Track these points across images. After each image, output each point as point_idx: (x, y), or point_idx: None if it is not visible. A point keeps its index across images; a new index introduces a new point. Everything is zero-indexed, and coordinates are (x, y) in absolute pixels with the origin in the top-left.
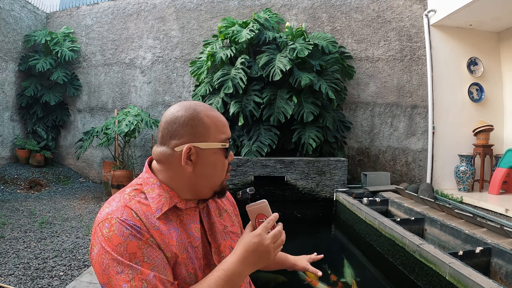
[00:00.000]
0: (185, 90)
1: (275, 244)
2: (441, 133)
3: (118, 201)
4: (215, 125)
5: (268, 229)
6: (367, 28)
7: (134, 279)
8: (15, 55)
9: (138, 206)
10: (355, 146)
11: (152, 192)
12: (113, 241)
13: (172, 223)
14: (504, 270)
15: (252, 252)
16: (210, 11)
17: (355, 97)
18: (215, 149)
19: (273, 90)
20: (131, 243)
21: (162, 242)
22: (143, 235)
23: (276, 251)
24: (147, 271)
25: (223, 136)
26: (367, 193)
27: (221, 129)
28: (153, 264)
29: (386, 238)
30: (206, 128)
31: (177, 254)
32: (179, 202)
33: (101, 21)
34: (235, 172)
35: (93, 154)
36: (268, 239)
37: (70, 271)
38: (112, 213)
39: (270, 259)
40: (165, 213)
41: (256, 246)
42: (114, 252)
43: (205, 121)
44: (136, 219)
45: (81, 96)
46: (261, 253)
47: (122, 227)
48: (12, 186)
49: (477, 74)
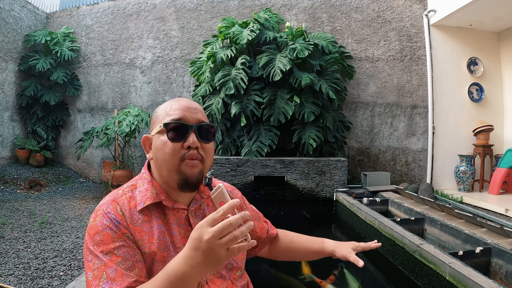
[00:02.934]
0: (185, 90)
1: (222, 240)
2: (441, 133)
3: (111, 195)
4: (164, 110)
5: (217, 221)
6: (367, 28)
7: (98, 269)
8: (15, 55)
9: (126, 202)
10: (355, 146)
11: (141, 186)
12: (93, 230)
13: (157, 220)
14: (504, 270)
15: (194, 249)
16: (210, 11)
17: (355, 97)
18: (158, 132)
19: (273, 90)
20: (107, 234)
21: (141, 239)
22: (119, 229)
23: (228, 249)
24: (111, 264)
25: (168, 118)
26: (367, 193)
27: (168, 112)
28: (122, 258)
29: (386, 238)
30: (156, 117)
31: (155, 251)
32: (165, 200)
33: (101, 21)
34: (235, 172)
35: (93, 154)
36: (209, 234)
37: (70, 271)
38: (101, 205)
39: (220, 258)
40: (150, 208)
41: (196, 243)
42: (91, 240)
43: (157, 111)
44: (119, 214)
45: (81, 96)
46: (203, 251)
47: (103, 218)
48: (12, 186)
49: (477, 74)
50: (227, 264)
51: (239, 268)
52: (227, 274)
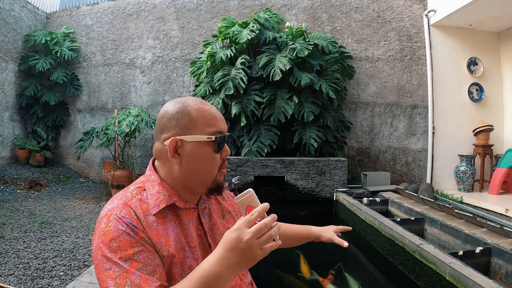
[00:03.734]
0: (185, 90)
1: (260, 240)
2: (441, 133)
3: (119, 198)
4: (203, 117)
5: (252, 223)
6: (367, 28)
7: (120, 277)
8: (15, 55)
9: (138, 205)
10: (355, 146)
11: (152, 189)
12: (108, 236)
13: (171, 222)
14: (504, 270)
15: (231, 250)
16: (210, 11)
17: (355, 97)
18: (202, 142)
19: (273, 90)
20: (124, 240)
21: (159, 242)
22: (137, 234)
23: (262, 249)
24: (133, 270)
25: (212, 129)
26: (367, 193)
27: (209, 122)
28: (143, 263)
29: (386, 238)
30: (193, 121)
31: (173, 253)
32: (177, 201)
33: (101, 21)
34: (235, 172)
35: (93, 154)
36: (248, 234)
37: (70, 271)
38: (112, 210)
39: (256, 258)
40: (164, 211)
41: (235, 243)
42: (106, 248)
43: (192, 114)
44: (134, 218)
45: (81, 96)
46: (242, 251)
47: (118, 223)
48: (12, 186)
49: (477, 74)
50: None
51: None
52: None
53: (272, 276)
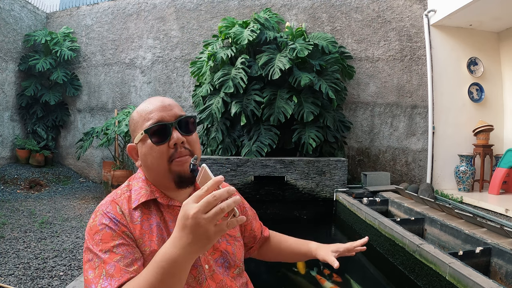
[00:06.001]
0: (185, 90)
1: (209, 214)
2: (441, 133)
3: (110, 196)
4: (140, 115)
5: (202, 197)
6: (367, 28)
7: (98, 268)
8: (15, 55)
9: (125, 201)
10: (355, 146)
11: (136, 185)
12: (93, 230)
13: (155, 217)
14: (504, 270)
15: (181, 228)
16: (210, 11)
17: (355, 97)
18: (142, 139)
19: (273, 90)
20: (106, 233)
21: (142, 237)
22: (119, 228)
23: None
24: (110, 261)
25: (148, 123)
26: (367, 193)
27: (145, 117)
28: (122, 256)
29: (386, 238)
30: (134, 123)
31: (156, 249)
32: (160, 197)
33: (101, 21)
34: (235, 172)
35: (93, 154)
36: (194, 208)
37: (70, 271)
38: (101, 206)
39: (209, 236)
40: (149, 207)
41: (183, 221)
42: (91, 240)
43: (133, 116)
44: (118, 213)
45: (81, 96)
46: (191, 228)
47: (103, 218)
48: (12, 186)
49: (477, 74)
50: (225, 262)
51: (237, 267)
52: (224, 271)
53: (270, 276)
